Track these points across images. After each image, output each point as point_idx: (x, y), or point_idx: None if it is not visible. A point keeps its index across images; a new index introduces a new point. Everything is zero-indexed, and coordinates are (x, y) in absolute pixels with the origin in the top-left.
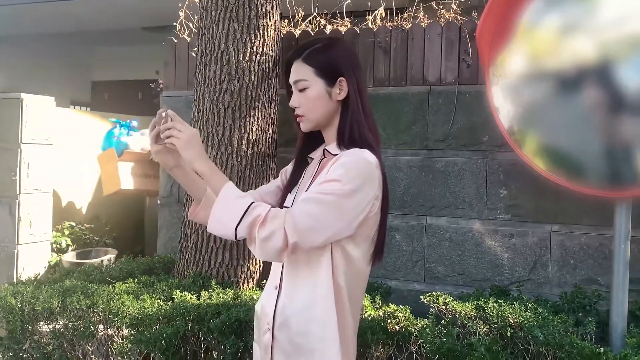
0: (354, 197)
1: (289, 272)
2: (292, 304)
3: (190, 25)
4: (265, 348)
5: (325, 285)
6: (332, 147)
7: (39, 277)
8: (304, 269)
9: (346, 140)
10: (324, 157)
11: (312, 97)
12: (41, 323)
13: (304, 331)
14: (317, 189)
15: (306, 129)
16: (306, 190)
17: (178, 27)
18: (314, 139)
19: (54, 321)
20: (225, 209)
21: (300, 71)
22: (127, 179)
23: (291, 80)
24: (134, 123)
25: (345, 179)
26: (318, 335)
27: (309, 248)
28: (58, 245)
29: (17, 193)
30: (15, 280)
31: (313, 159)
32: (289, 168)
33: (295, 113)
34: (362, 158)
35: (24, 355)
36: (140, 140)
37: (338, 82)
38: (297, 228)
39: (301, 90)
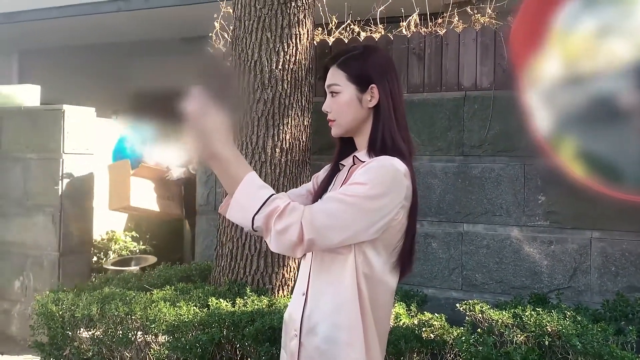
0: (378, 201)
1: (315, 279)
2: (318, 310)
3: (225, 35)
4: (292, 354)
5: (350, 290)
6: (362, 154)
7: (79, 284)
8: (329, 275)
9: (377, 148)
10: (354, 164)
11: (343, 102)
12: (81, 329)
13: (330, 337)
14: (341, 190)
15: (336, 134)
16: None
17: (213, 37)
18: (351, 145)
19: (94, 328)
20: (246, 197)
21: (334, 76)
22: (138, 197)
23: (325, 84)
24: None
25: (371, 184)
26: (344, 342)
27: (325, 247)
28: (99, 253)
29: (59, 202)
30: (57, 287)
31: (345, 165)
32: (320, 174)
33: (327, 118)
34: (391, 165)
35: None
36: (154, 153)
37: (369, 89)
38: (314, 225)
39: (333, 95)
